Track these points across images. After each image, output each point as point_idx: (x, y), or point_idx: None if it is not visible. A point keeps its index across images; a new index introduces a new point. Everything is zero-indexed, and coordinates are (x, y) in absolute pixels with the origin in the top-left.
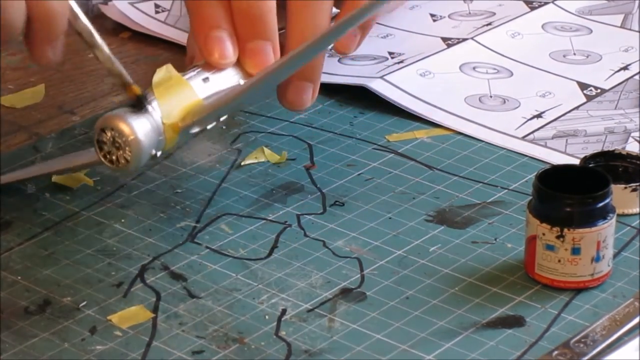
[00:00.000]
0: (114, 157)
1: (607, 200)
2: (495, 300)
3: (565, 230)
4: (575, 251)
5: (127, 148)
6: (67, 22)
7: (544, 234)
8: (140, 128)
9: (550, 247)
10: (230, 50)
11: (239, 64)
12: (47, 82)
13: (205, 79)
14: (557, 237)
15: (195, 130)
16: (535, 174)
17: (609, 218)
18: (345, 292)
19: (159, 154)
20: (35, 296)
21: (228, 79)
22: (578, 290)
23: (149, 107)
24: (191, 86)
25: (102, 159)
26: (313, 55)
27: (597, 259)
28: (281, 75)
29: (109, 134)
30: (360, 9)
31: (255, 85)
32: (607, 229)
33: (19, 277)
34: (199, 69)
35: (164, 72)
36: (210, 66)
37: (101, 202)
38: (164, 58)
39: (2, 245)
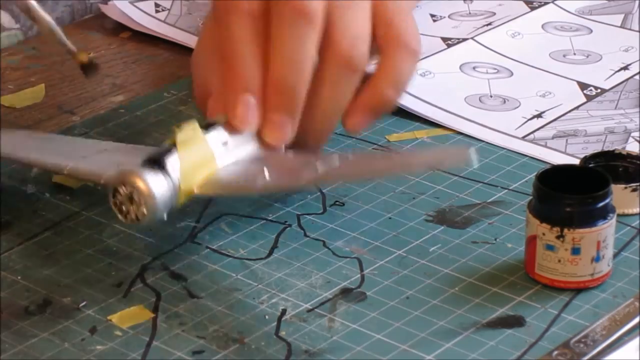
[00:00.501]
0: (123, 208)
1: (607, 200)
2: (495, 300)
3: (565, 230)
4: (575, 251)
5: (142, 207)
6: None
7: (544, 234)
8: (159, 189)
9: (550, 247)
10: (255, 118)
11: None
12: (47, 82)
13: (225, 143)
14: (557, 237)
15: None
16: (535, 174)
17: (609, 218)
18: (345, 292)
19: (165, 215)
20: (35, 296)
21: (245, 145)
22: (578, 290)
23: (169, 167)
24: (212, 152)
25: (113, 206)
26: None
27: (597, 259)
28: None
29: (127, 189)
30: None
31: (276, 189)
32: (607, 229)
33: (19, 277)
34: (220, 128)
35: (190, 131)
36: (231, 126)
37: (101, 202)
38: (164, 58)
39: (3, 245)
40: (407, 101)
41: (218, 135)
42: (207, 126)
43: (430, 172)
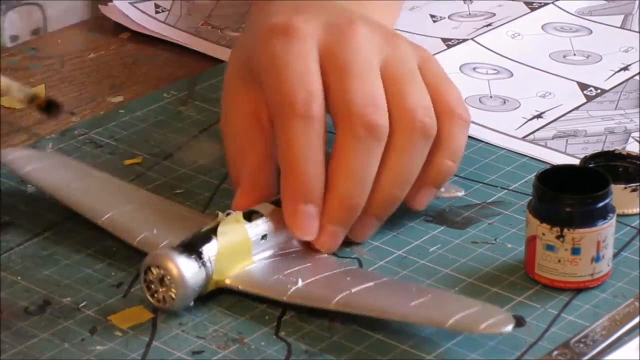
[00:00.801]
0: (152, 287)
1: (607, 200)
2: (495, 301)
3: (565, 230)
4: (575, 251)
5: (172, 291)
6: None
7: (543, 234)
8: (192, 277)
9: (550, 247)
10: (315, 229)
11: None
12: (47, 83)
13: (264, 236)
14: (557, 237)
15: None
16: (535, 174)
17: (609, 218)
18: None
19: (192, 302)
20: (35, 296)
21: (283, 240)
22: (578, 290)
23: (205, 255)
24: (250, 244)
25: (142, 283)
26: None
27: (597, 259)
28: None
29: (160, 271)
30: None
31: (303, 302)
32: (607, 229)
33: (19, 278)
34: (262, 220)
35: (233, 222)
36: (275, 218)
37: None
38: (163, 59)
39: (2, 246)
40: None
41: (259, 228)
42: (249, 214)
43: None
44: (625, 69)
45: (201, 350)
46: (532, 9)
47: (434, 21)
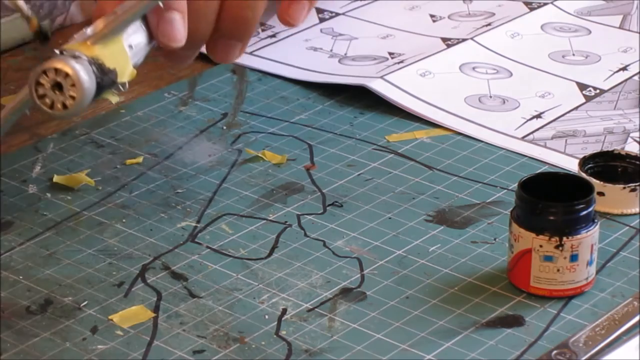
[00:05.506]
0: (47, 100)
1: (594, 203)
2: (494, 300)
3: (565, 238)
4: (574, 258)
5: (70, 91)
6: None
7: (541, 246)
8: (83, 70)
9: (548, 258)
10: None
11: None
12: None
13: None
14: (557, 247)
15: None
16: (517, 190)
17: (597, 220)
18: (345, 292)
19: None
20: (37, 296)
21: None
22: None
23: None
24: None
25: (37, 101)
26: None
27: (590, 262)
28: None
29: (50, 76)
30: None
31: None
32: (597, 230)
33: (21, 277)
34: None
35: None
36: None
37: (102, 202)
38: (164, 58)
39: (4, 245)
40: (407, 101)
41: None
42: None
43: (429, 172)
44: (624, 69)
45: (202, 350)
46: (532, 9)
47: (434, 21)
